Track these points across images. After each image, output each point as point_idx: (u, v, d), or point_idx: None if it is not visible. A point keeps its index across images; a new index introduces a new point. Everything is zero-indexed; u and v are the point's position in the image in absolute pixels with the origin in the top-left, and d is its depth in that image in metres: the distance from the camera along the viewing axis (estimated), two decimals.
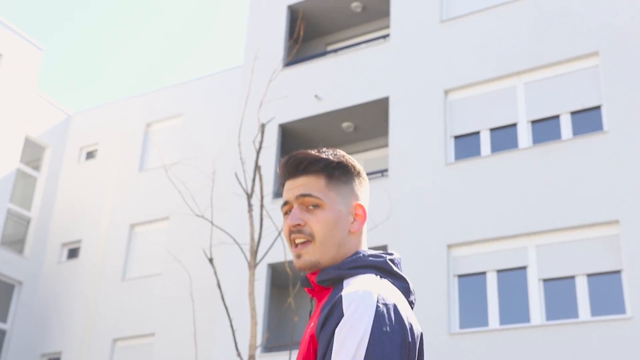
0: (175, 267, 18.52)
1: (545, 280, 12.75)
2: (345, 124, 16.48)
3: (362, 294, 1.80)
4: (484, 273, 13.32)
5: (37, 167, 22.08)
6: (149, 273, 19.18)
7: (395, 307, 1.81)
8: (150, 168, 20.65)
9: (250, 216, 7.62)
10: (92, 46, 47.73)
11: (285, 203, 2.00)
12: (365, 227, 2.03)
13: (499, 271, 13.21)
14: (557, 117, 13.88)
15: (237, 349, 6.76)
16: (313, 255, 1.93)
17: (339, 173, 1.99)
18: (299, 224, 1.93)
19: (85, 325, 19.41)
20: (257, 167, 7.80)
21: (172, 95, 21.30)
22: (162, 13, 46.85)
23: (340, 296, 1.82)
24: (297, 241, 1.95)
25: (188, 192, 14.56)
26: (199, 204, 8.84)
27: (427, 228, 13.84)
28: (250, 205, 7.57)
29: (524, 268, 12.99)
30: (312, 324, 1.93)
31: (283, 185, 2.05)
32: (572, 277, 12.60)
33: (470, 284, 13.40)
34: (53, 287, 20.70)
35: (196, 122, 20.39)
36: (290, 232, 1.96)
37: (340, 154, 2.05)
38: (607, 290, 12.36)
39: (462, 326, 13.11)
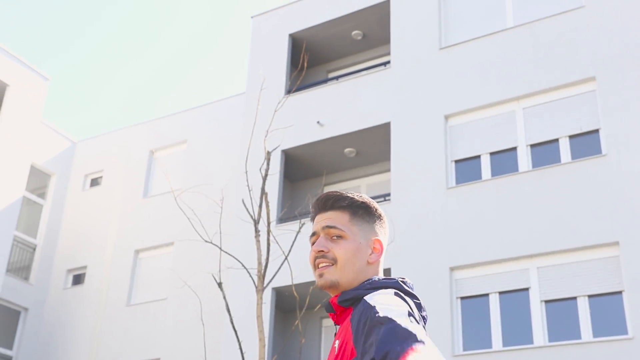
0: (180, 293, 18.67)
1: (547, 302, 12.92)
2: (347, 150, 16.73)
3: (385, 294, 2.05)
4: (486, 295, 13.49)
5: (42, 195, 22.31)
6: (154, 298, 19.34)
7: (412, 310, 2.04)
8: (154, 194, 20.88)
9: (258, 241, 7.83)
10: (93, 73, 48.17)
11: (313, 234, 2.28)
12: (382, 260, 2.28)
13: (501, 293, 13.38)
14: (556, 141, 14.13)
15: None
16: (333, 275, 2.20)
17: (362, 212, 2.28)
18: (322, 250, 2.21)
19: (90, 351, 19.51)
20: (263, 194, 8.01)
21: (176, 123, 21.59)
22: (164, 40, 47.35)
23: (364, 299, 2.05)
24: (321, 265, 2.23)
25: (195, 218, 14.79)
26: (204, 230, 9.05)
27: (430, 251, 14.03)
28: (257, 231, 7.78)
29: (526, 290, 13.17)
30: (336, 342, 2.14)
31: (313, 220, 2.34)
32: (574, 299, 12.76)
33: (473, 306, 13.56)
34: (58, 313, 20.84)
35: (200, 149, 20.65)
36: (316, 258, 2.23)
37: (366, 197, 2.35)
38: (608, 311, 12.52)
39: (465, 348, 13.26)
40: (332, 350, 2.17)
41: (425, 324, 2.17)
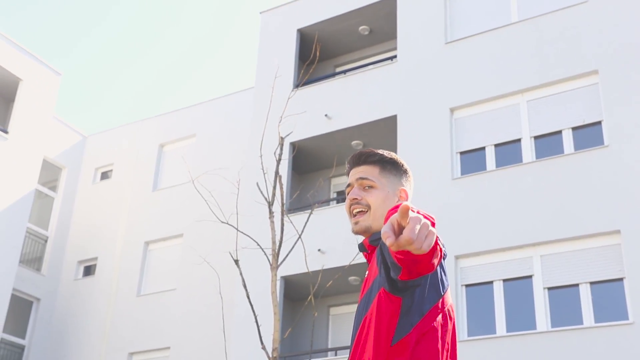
0: (189, 283, 19.05)
1: (550, 289, 13.25)
2: (354, 142, 17.07)
3: None
4: (490, 283, 13.82)
5: (53, 188, 22.70)
6: (164, 289, 19.70)
7: None
8: (163, 187, 21.25)
9: (272, 222, 8.19)
10: (104, 69, 48.59)
11: (349, 185, 2.63)
12: None
13: (505, 280, 13.71)
14: (559, 132, 14.46)
15: (261, 341, 7.24)
16: (367, 221, 2.56)
17: (390, 167, 2.66)
18: (356, 198, 2.57)
19: (101, 340, 19.90)
20: (277, 176, 8.36)
21: (185, 117, 21.95)
22: (173, 37, 47.74)
23: None
24: (355, 211, 2.57)
25: (212, 200, 14.94)
26: (221, 211, 9.41)
27: None
28: (271, 212, 8.14)
29: (529, 277, 13.50)
30: (368, 282, 2.47)
31: (349, 174, 2.68)
32: (576, 285, 13.09)
33: (478, 294, 13.90)
34: (70, 303, 21.23)
35: (208, 142, 21.01)
36: (351, 205, 2.58)
37: (394, 154, 2.74)
38: (609, 297, 12.85)
39: (470, 334, 13.59)
40: (365, 283, 2.50)
41: (445, 258, 2.48)
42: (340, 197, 16.71)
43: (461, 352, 13.24)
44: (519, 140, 14.77)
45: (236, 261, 7.88)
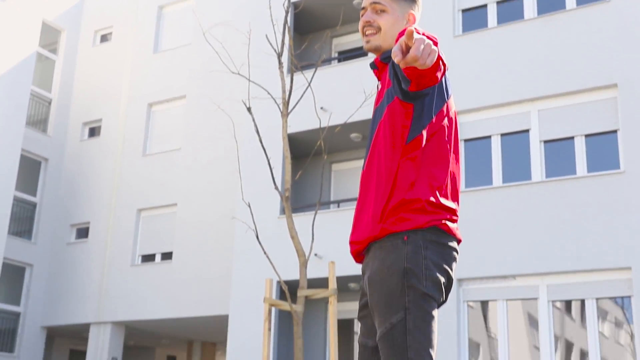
0: (192, 143, 19.51)
1: (546, 142, 13.72)
2: (355, 1, 17.04)
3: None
4: (489, 137, 14.27)
5: (54, 50, 22.74)
6: (169, 149, 20.19)
7: None
8: (164, 50, 21.31)
9: (281, 72, 8.45)
10: None
11: (363, 8, 2.82)
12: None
13: (503, 135, 14.16)
14: None
15: (274, 182, 7.68)
16: (377, 40, 2.80)
17: None
18: (369, 21, 2.77)
19: (110, 197, 20.59)
20: (285, 27, 8.55)
21: None
22: None
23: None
24: (367, 32, 2.78)
25: (223, 51, 15.21)
26: (225, 71, 9.67)
27: None
28: (280, 63, 8.37)
29: (526, 131, 13.93)
30: (380, 94, 2.81)
31: None
32: (571, 138, 13.55)
33: (476, 148, 14.38)
34: (77, 163, 21.79)
35: (208, 5, 20.86)
36: (364, 26, 2.79)
37: None
38: (603, 148, 13.33)
39: (467, 185, 14.18)
40: (379, 95, 2.85)
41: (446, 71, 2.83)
42: (342, 56, 16.87)
43: (459, 202, 13.88)
44: None
45: (249, 109, 8.21)
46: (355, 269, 14.46)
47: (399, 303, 2.37)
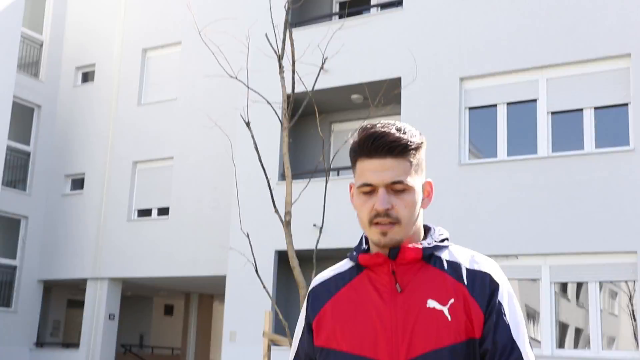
0: (190, 94, 18.93)
1: (554, 113, 13.23)
2: None
3: (496, 265, 2.19)
4: (494, 106, 13.77)
5: None
6: (164, 98, 19.61)
7: None
8: None
9: (282, 77, 7.89)
10: None
11: (369, 185, 1.98)
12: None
13: (509, 104, 13.66)
14: None
15: (274, 205, 7.28)
16: (398, 234, 1.98)
17: (419, 155, 2.03)
18: (387, 209, 1.96)
19: (105, 148, 20.13)
20: (287, 25, 7.95)
21: None
22: None
23: (489, 274, 2.10)
24: (382, 221, 1.97)
25: (219, 54, 14.28)
26: (230, 67, 9.10)
27: (440, 60, 14.10)
28: (281, 67, 7.83)
29: (533, 101, 13.42)
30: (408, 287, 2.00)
31: (357, 160, 2.02)
32: (580, 110, 13.06)
33: (481, 116, 13.90)
34: (71, 110, 21.22)
35: None
36: (376, 215, 1.97)
37: (417, 132, 2.05)
38: (612, 123, 12.86)
39: (471, 157, 13.78)
40: (392, 293, 2.00)
41: None
42: (342, 12, 16.10)
43: (461, 175, 13.51)
44: None
45: (247, 123, 7.73)
46: None
47: None
